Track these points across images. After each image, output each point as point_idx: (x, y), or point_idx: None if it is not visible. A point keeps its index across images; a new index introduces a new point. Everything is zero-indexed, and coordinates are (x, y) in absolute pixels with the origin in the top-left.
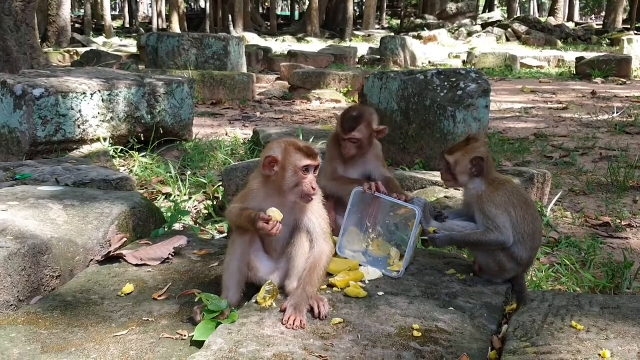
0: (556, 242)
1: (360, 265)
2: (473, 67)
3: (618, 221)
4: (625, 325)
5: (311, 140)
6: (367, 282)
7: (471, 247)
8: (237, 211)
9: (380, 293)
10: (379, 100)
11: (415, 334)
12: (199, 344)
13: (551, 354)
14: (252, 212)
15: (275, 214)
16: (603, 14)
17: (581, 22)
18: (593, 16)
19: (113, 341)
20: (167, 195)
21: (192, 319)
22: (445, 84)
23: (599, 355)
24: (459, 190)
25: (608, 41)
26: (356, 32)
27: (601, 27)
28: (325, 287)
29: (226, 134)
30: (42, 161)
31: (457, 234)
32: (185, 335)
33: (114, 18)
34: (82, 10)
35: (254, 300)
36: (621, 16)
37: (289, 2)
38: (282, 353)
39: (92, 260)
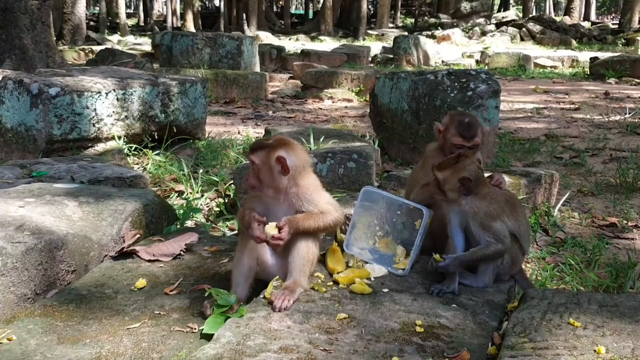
0: (562, 241)
1: (366, 262)
2: (486, 66)
3: (625, 222)
4: (621, 323)
5: (322, 139)
6: (372, 279)
7: (478, 262)
8: (241, 212)
9: (385, 290)
10: (389, 100)
11: (418, 329)
12: (208, 337)
13: (548, 349)
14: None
15: (269, 229)
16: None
17: (597, 21)
18: (609, 16)
19: (126, 333)
20: (180, 193)
21: (202, 312)
22: (456, 84)
23: (595, 351)
24: None
25: (623, 41)
26: (370, 31)
27: (617, 26)
28: (331, 283)
29: (238, 133)
30: (58, 159)
31: (463, 254)
32: (195, 328)
33: (128, 16)
34: (97, 8)
35: (261, 296)
36: (637, 16)
37: (303, 0)
38: (288, 346)
39: (106, 255)
